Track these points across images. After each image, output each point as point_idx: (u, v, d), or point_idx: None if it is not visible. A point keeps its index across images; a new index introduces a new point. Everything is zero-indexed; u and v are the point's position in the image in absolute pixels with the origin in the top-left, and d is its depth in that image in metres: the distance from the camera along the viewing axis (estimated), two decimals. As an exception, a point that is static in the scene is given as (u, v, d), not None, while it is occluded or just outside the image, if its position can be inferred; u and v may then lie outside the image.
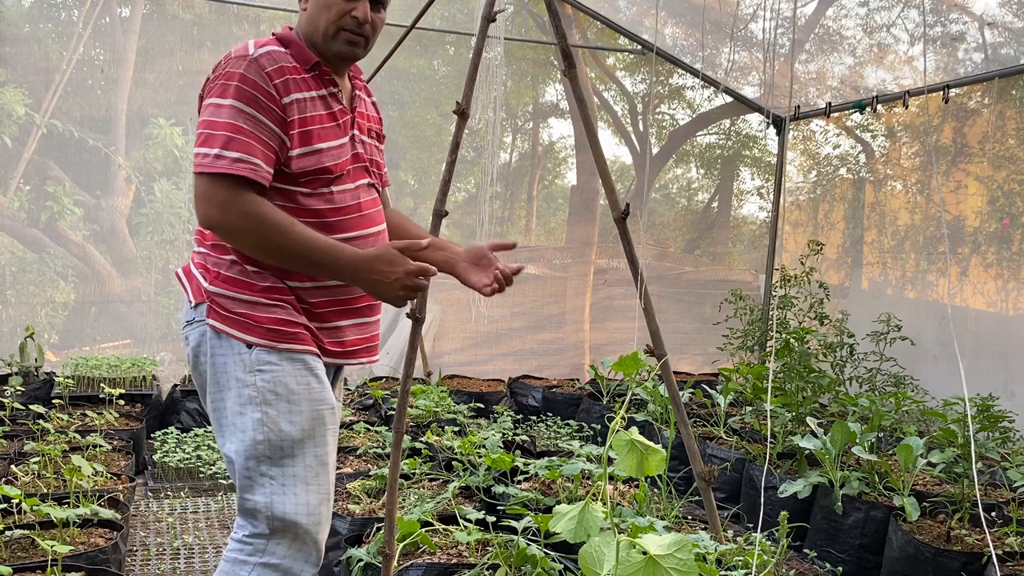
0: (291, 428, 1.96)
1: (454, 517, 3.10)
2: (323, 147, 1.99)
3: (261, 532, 1.98)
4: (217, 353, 1.97)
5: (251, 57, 1.92)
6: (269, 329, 1.96)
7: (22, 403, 4.43)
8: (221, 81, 1.92)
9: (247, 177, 1.86)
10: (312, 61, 2.01)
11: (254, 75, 1.90)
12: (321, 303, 2.03)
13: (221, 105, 1.89)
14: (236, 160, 1.85)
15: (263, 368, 1.95)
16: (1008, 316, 4.86)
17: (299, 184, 1.98)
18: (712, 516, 2.84)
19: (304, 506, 1.98)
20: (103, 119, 5.51)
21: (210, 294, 1.98)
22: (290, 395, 1.96)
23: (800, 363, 4.80)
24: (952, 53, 5.08)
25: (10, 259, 5.42)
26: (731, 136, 7.16)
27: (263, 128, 1.90)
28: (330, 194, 2.02)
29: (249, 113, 1.89)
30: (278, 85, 1.92)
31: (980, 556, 3.06)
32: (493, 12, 2.58)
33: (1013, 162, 4.89)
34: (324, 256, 1.91)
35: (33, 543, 2.93)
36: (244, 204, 1.86)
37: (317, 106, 2.00)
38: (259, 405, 1.94)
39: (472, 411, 4.94)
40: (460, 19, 6.25)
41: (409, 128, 6.44)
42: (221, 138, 1.86)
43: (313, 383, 2.00)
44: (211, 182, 1.86)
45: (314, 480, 2.00)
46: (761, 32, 5.78)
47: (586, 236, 6.65)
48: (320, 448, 2.01)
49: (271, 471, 1.96)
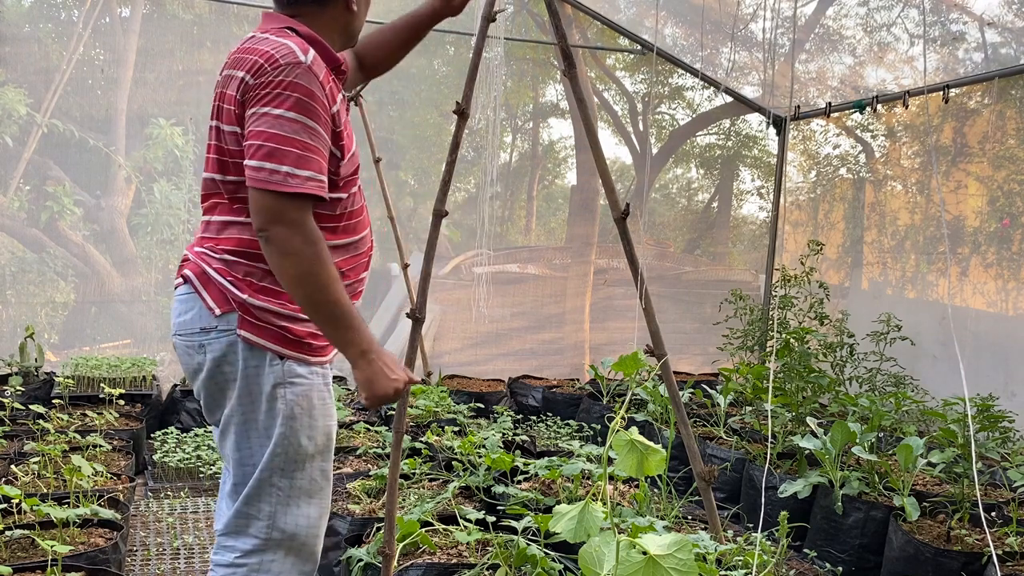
0: (308, 443, 1.99)
1: (454, 517, 3.10)
2: (355, 149, 2.01)
3: (252, 548, 1.97)
4: (251, 364, 1.95)
5: (306, 65, 1.84)
6: (304, 343, 1.97)
7: (22, 403, 4.42)
8: (277, 90, 1.82)
9: (315, 195, 1.84)
10: (338, 63, 1.98)
11: (311, 85, 1.84)
12: None
13: (284, 118, 1.82)
14: (308, 179, 1.82)
15: (294, 380, 1.96)
16: (1008, 316, 4.86)
17: (340, 189, 1.97)
18: (712, 516, 2.84)
19: (305, 518, 2.01)
20: (103, 119, 5.51)
21: (245, 305, 1.93)
22: (312, 410, 1.99)
23: (800, 363, 4.80)
24: (952, 53, 5.08)
25: (10, 259, 5.42)
26: (731, 136, 7.16)
27: (323, 141, 1.87)
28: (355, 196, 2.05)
29: (312, 127, 1.83)
30: (328, 94, 1.88)
31: (980, 556, 3.06)
32: (493, 12, 2.58)
33: (1013, 162, 4.89)
34: (350, 319, 1.87)
35: (33, 543, 2.93)
36: (311, 230, 1.84)
37: (343, 108, 1.99)
38: (286, 419, 1.96)
39: (472, 411, 4.94)
40: (460, 19, 6.19)
41: (409, 128, 6.43)
42: (292, 155, 1.81)
43: (328, 399, 2.04)
44: (283, 200, 1.81)
45: (318, 493, 2.03)
46: (761, 32, 5.78)
47: (586, 236, 6.65)
48: (326, 463, 2.05)
49: (281, 482, 1.98)
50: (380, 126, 6.07)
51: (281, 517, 1.98)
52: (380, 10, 5.80)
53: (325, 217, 1.95)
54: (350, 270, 2.07)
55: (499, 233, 6.50)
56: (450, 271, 6.29)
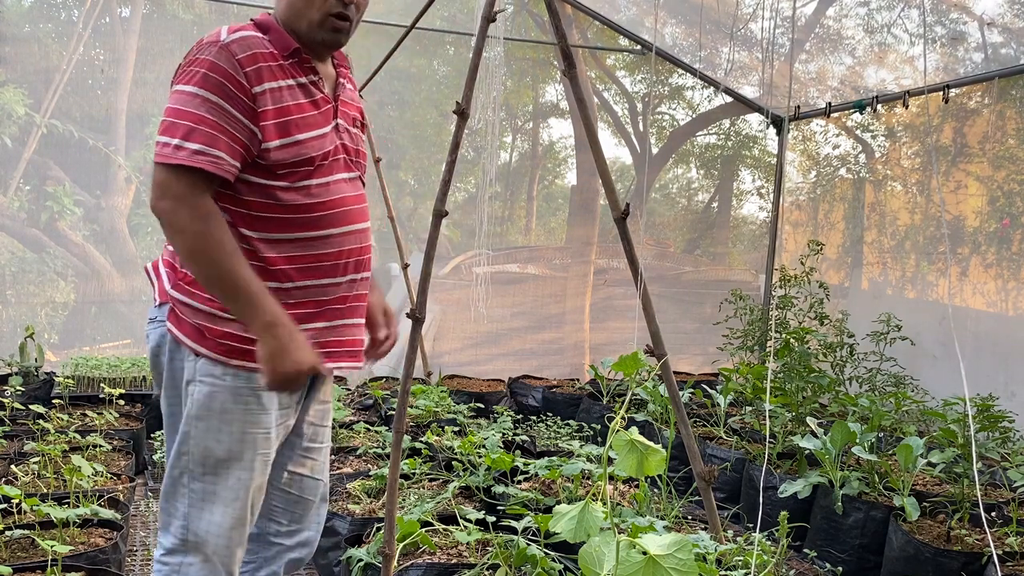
0: (217, 447, 1.90)
1: (454, 517, 3.10)
2: (303, 137, 1.89)
3: (175, 547, 1.95)
4: (175, 357, 1.93)
5: (222, 43, 1.82)
6: (220, 343, 1.88)
7: (22, 403, 4.42)
8: (189, 68, 1.82)
9: (207, 171, 1.78)
10: (291, 47, 1.91)
11: (224, 63, 1.80)
12: (297, 304, 1.94)
13: (187, 93, 1.79)
14: (196, 152, 1.76)
15: (204, 379, 1.89)
16: (1008, 316, 4.86)
17: (277, 177, 1.88)
18: (712, 516, 2.84)
19: (216, 526, 1.93)
20: (103, 119, 5.51)
21: (171, 297, 1.93)
22: (223, 413, 1.90)
23: (800, 363, 4.80)
24: (952, 53, 5.08)
25: (10, 259, 5.42)
26: (731, 136, 7.16)
27: (231, 119, 1.80)
28: (310, 188, 1.92)
29: (215, 103, 1.79)
30: (249, 73, 1.82)
31: (980, 556, 3.06)
32: (493, 12, 2.58)
33: (1013, 162, 4.89)
34: (249, 292, 1.80)
35: (33, 543, 2.93)
36: (198, 204, 1.78)
37: (296, 94, 1.90)
38: (191, 418, 1.90)
39: (472, 411, 4.94)
40: (460, 19, 6.25)
41: (409, 128, 6.43)
42: (183, 127, 1.77)
43: (252, 404, 1.92)
44: (169, 173, 1.77)
45: (232, 503, 1.93)
46: (761, 32, 5.78)
47: (586, 236, 6.65)
48: (245, 473, 1.93)
49: (192, 484, 1.92)
50: (380, 126, 6.07)
51: (195, 520, 1.92)
52: (380, 9, 5.81)
53: (261, 205, 1.88)
54: (307, 270, 1.94)
55: (499, 233, 6.50)
56: (450, 271, 6.29)
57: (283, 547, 2.17)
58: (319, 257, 1.95)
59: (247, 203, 1.88)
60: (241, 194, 1.87)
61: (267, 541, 2.17)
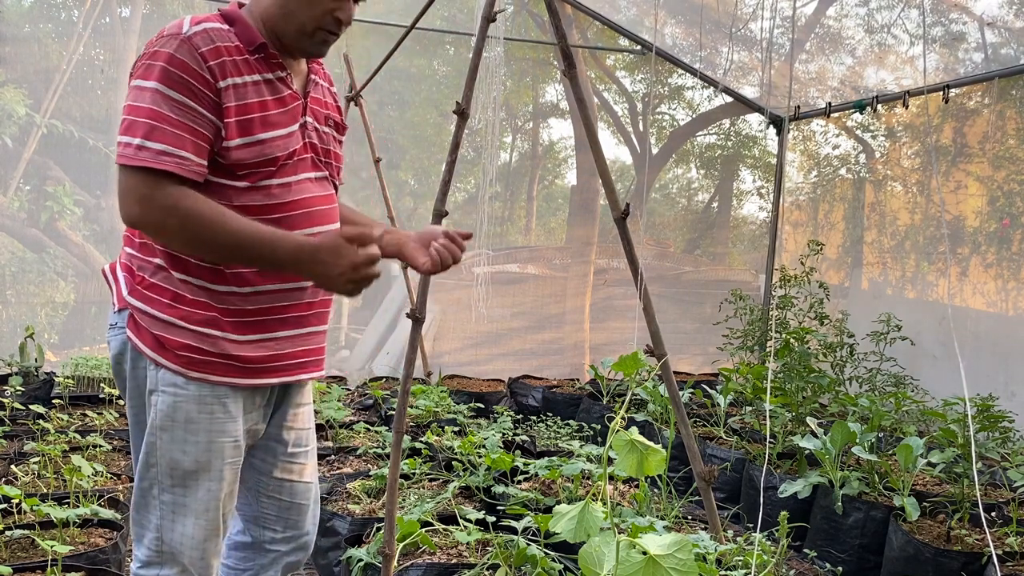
0: (184, 458, 1.84)
1: (454, 517, 3.10)
2: (266, 137, 1.80)
3: (150, 560, 1.90)
4: (137, 365, 1.86)
5: (183, 35, 1.72)
6: (179, 355, 1.82)
7: (22, 403, 4.42)
8: (148, 61, 1.71)
9: (173, 172, 1.68)
10: (257, 42, 1.81)
11: (185, 56, 1.70)
12: (258, 311, 1.87)
13: (145, 88, 1.69)
14: (160, 152, 1.67)
15: (166, 390, 1.83)
16: (1008, 316, 4.86)
17: (235, 177, 1.79)
18: (712, 516, 2.84)
19: (190, 539, 1.88)
20: (103, 119, 5.51)
21: (129, 304, 1.85)
22: (188, 423, 1.83)
23: (800, 363, 4.80)
24: (952, 53, 5.08)
25: (10, 259, 5.42)
26: (731, 136, 7.16)
27: (195, 116, 1.71)
28: (270, 188, 1.83)
29: (176, 99, 1.69)
30: (212, 67, 1.72)
31: (980, 556, 3.06)
32: (493, 12, 2.58)
33: (1013, 162, 4.89)
34: (262, 248, 1.72)
35: (33, 543, 2.93)
36: (166, 199, 1.68)
37: (261, 91, 1.81)
38: (155, 429, 1.84)
39: (472, 411, 4.94)
40: (460, 19, 6.25)
41: (409, 128, 6.44)
42: (143, 126, 1.67)
43: (218, 412, 1.86)
44: (132, 175, 1.67)
45: (203, 515, 1.88)
46: (760, 32, 5.78)
47: (586, 236, 6.65)
48: (214, 483, 1.88)
49: (162, 496, 1.87)
50: (380, 126, 6.07)
51: (168, 532, 1.87)
52: (380, 9, 5.81)
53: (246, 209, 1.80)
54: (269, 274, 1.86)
55: (499, 233, 6.50)
56: (450, 271, 6.29)
57: (279, 553, 2.15)
58: None
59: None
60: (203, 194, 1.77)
61: (263, 549, 2.14)
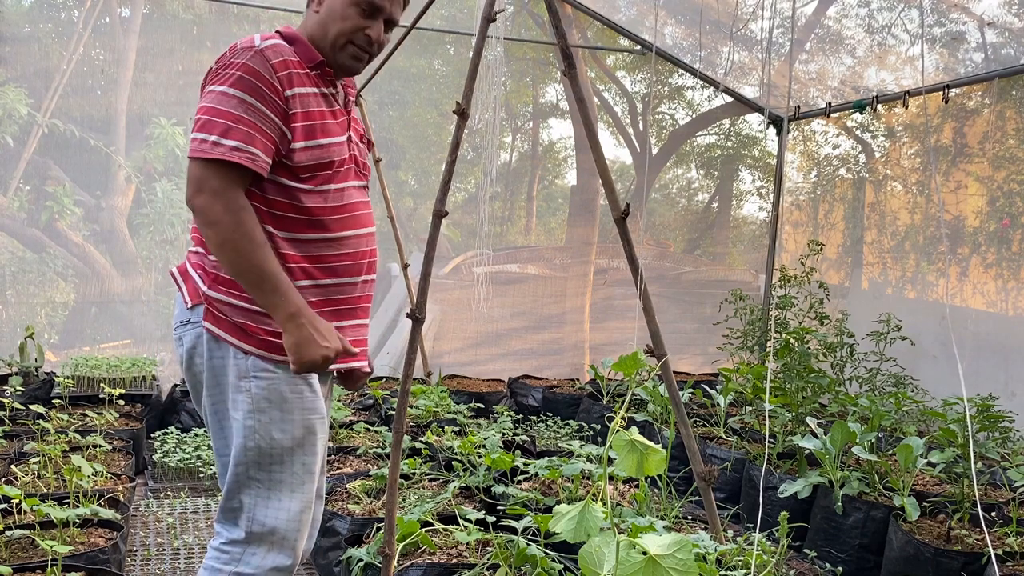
0: (282, 436, 1.98)
1: (454, 517, 3.10)
2: (326, 142, 2.00)
3: (237, 538, 2.00)
4: (216, 356, 1.99)
5: (257, 48, 1.92)
6: (264, 340, 1.96)
7: (22, 403, 4.43)
8: (226, 70, 1.92)
9: (243, 166, 1.86)
10: (317, 60, 2.03)
11: (258, 66, 1.90)
12: (316, 303, 2.01)
13: (223, 93, 1.89)
14: (234, 148, 1.85)
15: (259, 375, 1.97)
16: (1008, 316, 4.86)
17: (300, 180, 1.98)
18: (712, 516, 2.84)
19: (286, 512, 2.00)
20: (103, 119, 5.51)
21: (208, 298, 1.98)
22: (283, 403, 1.98)
23: (800, 363, 4.80)
24: (952, 53, 5.08)
25: (10, 259, 5.42)
26: (731, 136, 7.16)
27: (264, 119, 1.90)
28: (329, 192, 2.02)
29: (251, 103, 1.88)
30: (282, 78, 1.92)
31: (980, 556, 3.06)
32: (493, 12, 2.58)
33: (1013, 162, 4.89)
34: (276, 283, 1.89)
35: (33, 543, 2.93)
36: (233, 198, 1.86)
37: (320, 102, 2.01)
38: (252, 412, 1.96)
39: (472, 411, 4.94)
40: (460, 19, 6.25)
41: (409, 128, 6.43)
42: (221, 126, 1.86)
43: (306, 392, 2.01)
44: (206, 168, 1.86)
45: (299, 488, 2.02)
46: (760, 32, 5.78)
47: (586, 236, 6.65)
48: (309, 457, 2.03)
49: (259, 475, 1.99)
50: (380, 126, 6.07)
51: (261, 511, 1.99)
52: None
53: (286, 206, 1.97)
54: (329, 269, 2.05)
55: (499, 233, 6.50)
56: (450, 271, 6.29)
57: None
58: (339, 257, 2.05)
59: (273, 203, 1.97)
60: (268, 193, 1.96)
61: None
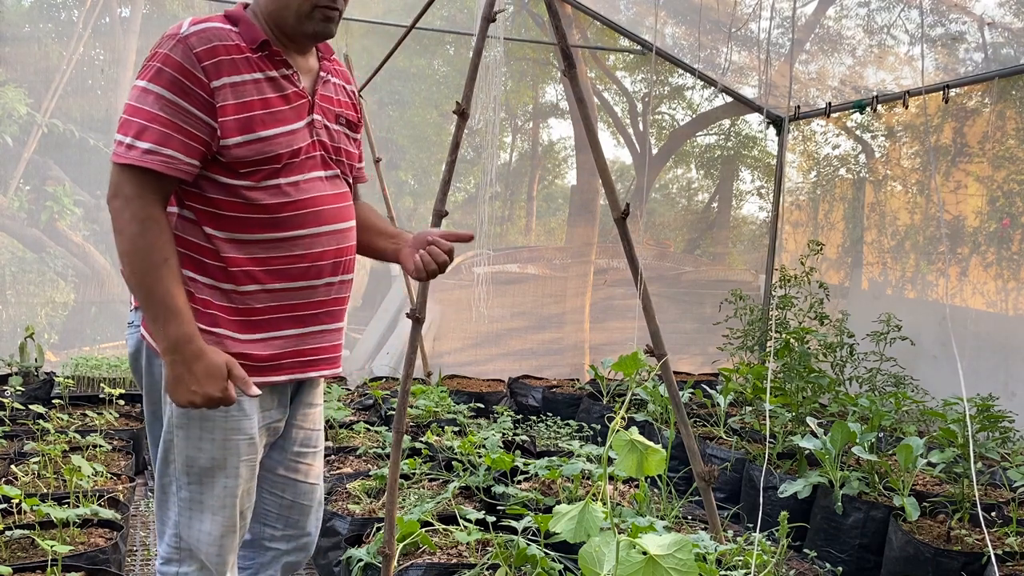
0: (200, 455, 1.86)
1: (454, 517, 3.10)
2: (268, 134, 1.82)
3: (170, 556, 1.92)
4: (153, 363, 1.88)
5: (180, 36, 1.77)
6: None
7: (22, 403, 4.42)
8: (147, 62, 1.78)
9: (158, 171, 1.72)
10: (259, 40, 1.84)
11: (179, 56, 1.75)
12: (265, 309, 1.87)
13: (143, 89, 1.75)
14: (147, 152, 1.71)
15: None
16: (1008, 316, 4.86)
17: (241, 176, 1.81)
18: (712, 516, 2.84)
19: (207, 535, 1.90)
20: (103, 119, 5.51)
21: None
22: (203, 421, 1.85)
23: (800, 363, 4.80)
24: (952, 53, 5.08)
25: (10, 259, 5.42)
26: (731, 136, 7.16)
27: (186, 115, 1.74)
28: (280, 186, 1.84)
29: (169, 99, 1.73)
30: (207, 67, 1.76)
31: (980, 556, 3.06)
32: (493, 12, 2.58)
33: (1013, 162, 4.89)
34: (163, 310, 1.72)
35: (33, 543, 2.93)
36: (142, 206, 1.72)
37: (263, 88, 1.83)
38: (172, 427, 1.86)
39: (472, 411, 4.94)
40: (460, 19, 6.25)
41: (409, 128, 6.43)
42: (136, 126, 1.72)
43: (232, 410, 1.86)
44: (121, 173, 1.72)
45: (220, 511, 1.90)
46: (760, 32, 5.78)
47: (586, 236, 6.65)
48: (231, 480, 1.90)
49: (180, 493, 1.89)
50: (380, 126, 6.07)
51: (185, 529, 1.90)
52: (380, 9, 5.81)
53: (229, 204, 1.82)
54: (276, 272, 1.87)
55: (499, 233, 6.50)
56: (450, 271, 6.29)
57: (279, 551, 2.14)
58: (290, 259, 1.88)
59: (214, 201, 1.82)
60: (207, 192, 1.81)
61: (262, 546, 2.14)
